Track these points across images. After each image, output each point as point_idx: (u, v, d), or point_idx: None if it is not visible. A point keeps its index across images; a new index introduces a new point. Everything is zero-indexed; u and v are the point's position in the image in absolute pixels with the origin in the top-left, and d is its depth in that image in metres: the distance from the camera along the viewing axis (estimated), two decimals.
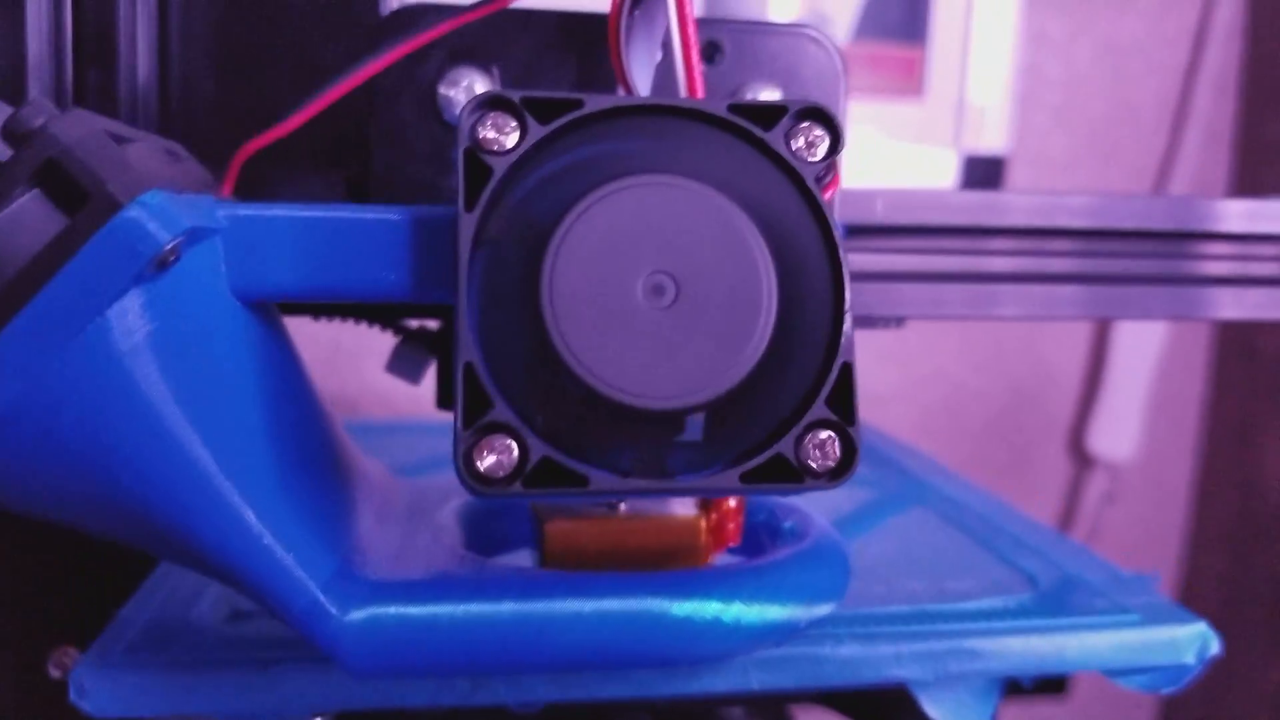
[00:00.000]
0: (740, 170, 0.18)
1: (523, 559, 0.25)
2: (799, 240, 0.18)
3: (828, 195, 0.19)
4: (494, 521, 0.26)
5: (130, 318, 0.16)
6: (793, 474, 0.17)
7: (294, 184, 0.24)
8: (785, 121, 0.18)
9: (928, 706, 0.25)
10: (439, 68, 0.23)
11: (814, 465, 0.17)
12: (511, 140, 0.17)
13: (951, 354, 0.69)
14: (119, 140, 0.17)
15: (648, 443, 0.17)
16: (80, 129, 0.15)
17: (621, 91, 0.21)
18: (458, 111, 0.24)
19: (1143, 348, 0.71)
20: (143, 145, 0.18)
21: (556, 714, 0.24)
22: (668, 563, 0.22)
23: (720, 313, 0.17)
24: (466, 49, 0.23)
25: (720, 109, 0.18)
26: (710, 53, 0.24)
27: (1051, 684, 0.29)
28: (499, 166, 0.17)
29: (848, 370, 0.18)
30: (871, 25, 0.63)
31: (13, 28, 0.25)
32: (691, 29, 0.20)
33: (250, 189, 0.21)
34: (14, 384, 0.15)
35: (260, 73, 0.26)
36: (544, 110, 0.18)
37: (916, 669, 0.25)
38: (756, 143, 0.18)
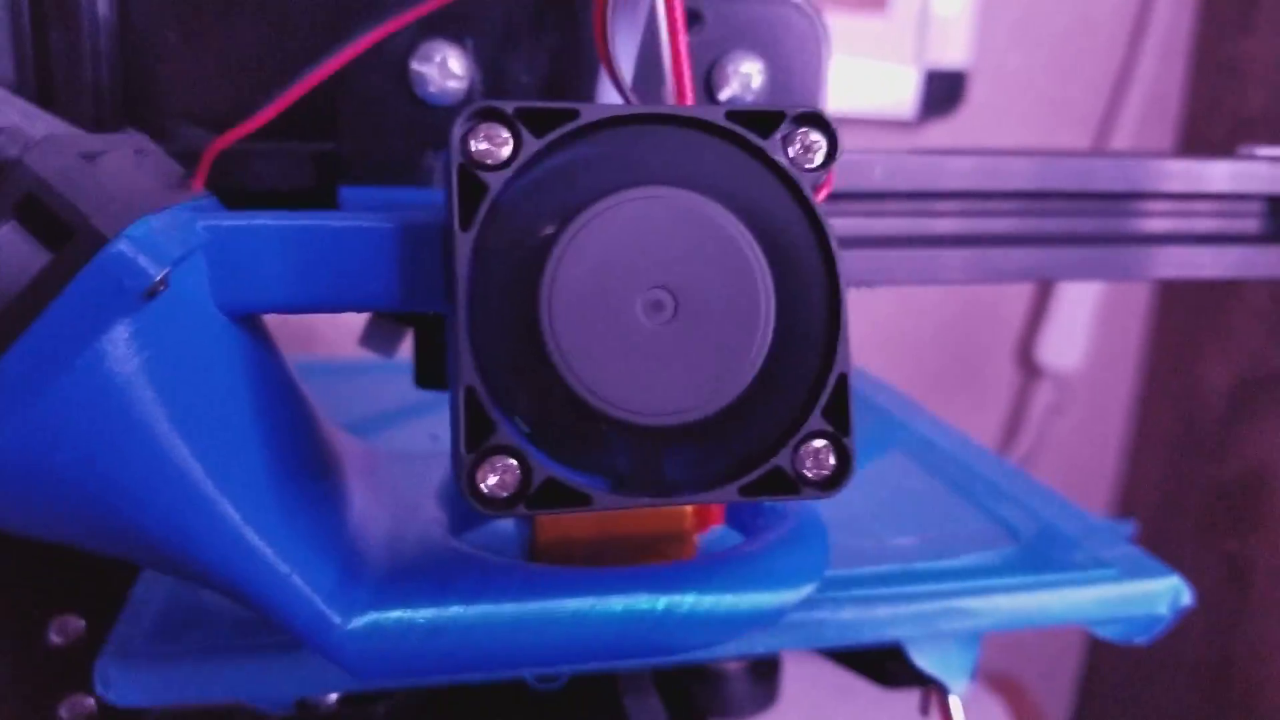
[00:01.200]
0: (737, 178, 0.17)
1: (503, 529, 0.25)
2: (795, 249, 0.17)
3: (821, 197, 0.18)
4: None
5: (121, 347, 0.15)
6: (789, 485, 0.18)
7: (258, 160, 0.23)
8: (783, 127, 0.18)
9: (916, 658, 0.27)
10: (410, 41, 0.22)
11: (810, 475, 0.18)
12: (505, 152, 0.17)
13: None
14: (91, 157, 0.16)
15: (648, 456, 0.17)
16: (57, 158, 0.14)
17: (605, 75, 0.21)
18: (430, 88, 0.22)
19: None
20: (114, 155, 0.17)
21: (569, 686, 0.25)
22: (656, 546, 0.22)
23: (719, 328, 0.17)
24: (439, 21, 0.22)
25: (718, 117, 0.17)
26: (691, 20, 0.23)
27: None
28: (494, 182, 0.16)
29: (843, 381, 0.18)
30: None
31: None
32: (681, 24, 0.20)
33: (214, 168, 0.21)
34: (8, 420, 0.15)
35: (223, 20, 0.25)
36: (538, 120, 0.17)
37: (909, 629, 0.26)
38: (753, 150, 0.18)
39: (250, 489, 0.17)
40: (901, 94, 0.64)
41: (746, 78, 0.24)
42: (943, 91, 0.65)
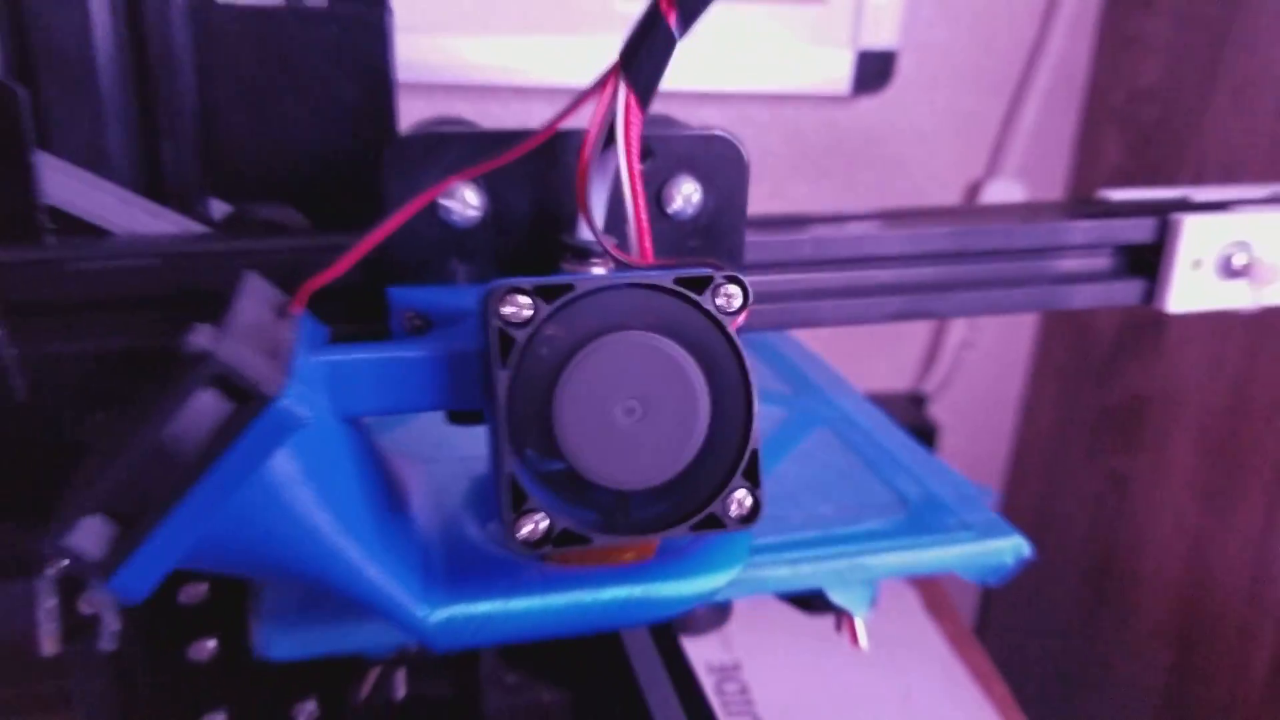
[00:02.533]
0: (681, 320, 0.24)
1: None
2: (722, 368, 0.25)
3: (739, 322, 0.26)
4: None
5: (281, 461, 0.23)
6: (720, 523, 0.25)
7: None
8: (712, 286, 0.25)
9: (832, 597, 0.35)
10: (435, 180, 0.29)
11: (734, 516, 0.26)
12: (527, 313, 0.24)
13: (805, 201, 0.76)
14: (234, 311, 0.23)
15: (626, 508, 0.25)
16: (237, 347, 0.22)
17: (582, 220, 0.28)
18: (454, 215, 0.28)
19: (1004, 199, 0.78)
20: (249, 304, 0.24)
21: None
22: (631, 549, 0.30)
23: (671, 424, 0.24)
24: (458, 165, 0.29)
25: (668, 282, 0.24)
26: (644, 154, 0.30)
27: None
28: (520, 337, 0.24)
29: (754, 454, 0.25)
30: None
31: (93, 114, 0.30)
32: (640, 187, 0.26)
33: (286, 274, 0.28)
34: (202, 527, 0.22)
35: (283, 112, 0.32)
36: (547, 291, 0.24)
37: (827, 580, 0.34)
38: (691, 301, 0.25)
39: (363, 533, 0.25)
40: (838, 73, 0.70)
41: (689, 195, 0.29)
42: (874, 69, 0.70)
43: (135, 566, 0.23)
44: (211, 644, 0.37)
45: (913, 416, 0.81)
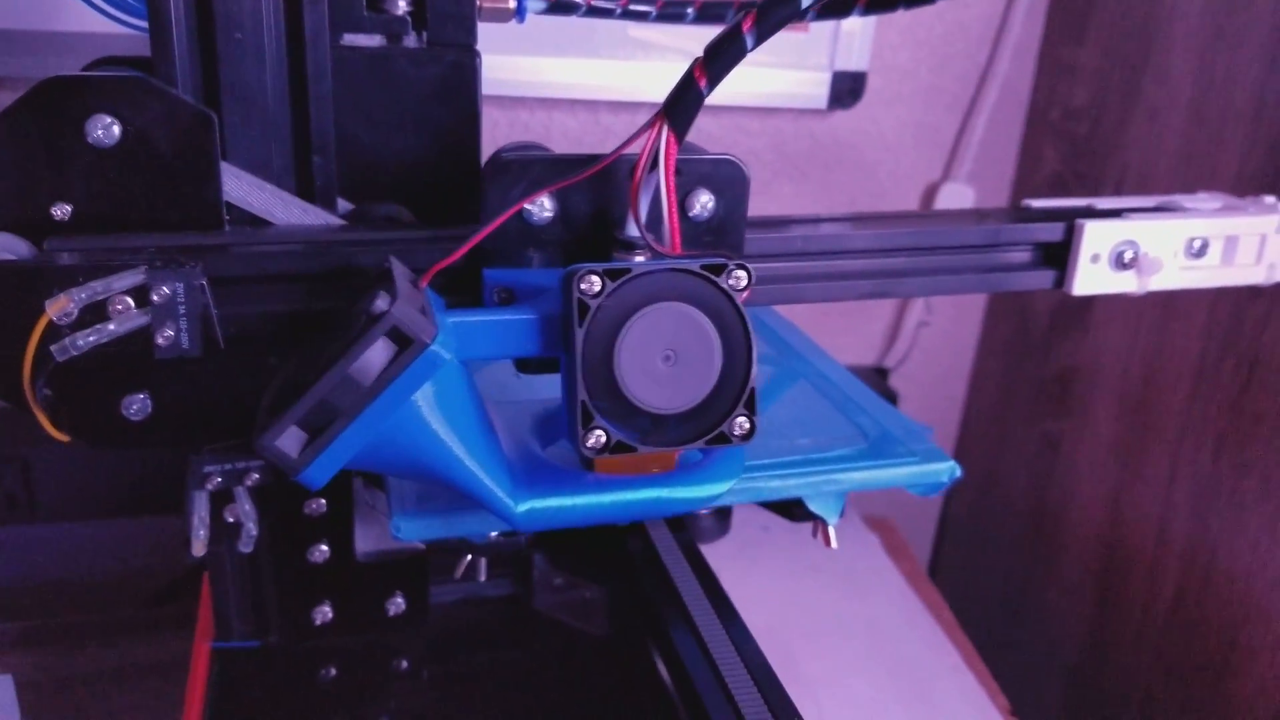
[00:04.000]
0: (704, 294, 0.34)
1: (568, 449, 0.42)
2: (731, 328, 0.34)
3: (745, 296, 0.35)
4: (551, 431, 0.43)
5: (428, 390, 0.32)
6: (727, 439, 0.35)
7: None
8: (727, 269, 0.34)
9: (810, 505, 0.42)
10: (523, 192, 0.37)
11: (737, 434, 0.35)
12: (596, 288, 0.33)
13: (789, 198, 0.81)
14: (395, 283, 0.32)
15: (662, 427, 0.34)
16: (407, 308, 0.31)
17: (630, 220, 0.36)
18: (533, 218, 0.37)
19: (956, 201, 0.85)
20: (400, 277, 0.33)
21: None
22: (656, 461, 0.39)
23: (695, 368, 0.33)
24: (540, 180, 0.36)
25: (696, 267, 0.34)
26: (675, 172, 0.38)
27: None
28: (593, 305, 0.33)
29: (753, 391, 0.34)
30: None
31: (263, 133, 0.38)
32: (674, 198, 0.35)
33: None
34: (369, 436, 0.30)
35: (394, 131, 0.40)
36: (612, 273, 0.33)
37: (808, 491, 0.41)
38: (711, 281, 0.34)
39: (475, 446, 0.34)
40: (817, 91, 0.77)
41: (705, 203, 0.36)
42: (847, 87, 0.77)
43: (321, 463, 0.32)
44: (324, 548, 0.46)
45: (877, 386, 0.89)
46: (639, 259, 0.36)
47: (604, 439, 0.33)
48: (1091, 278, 0.46)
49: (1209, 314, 0.68)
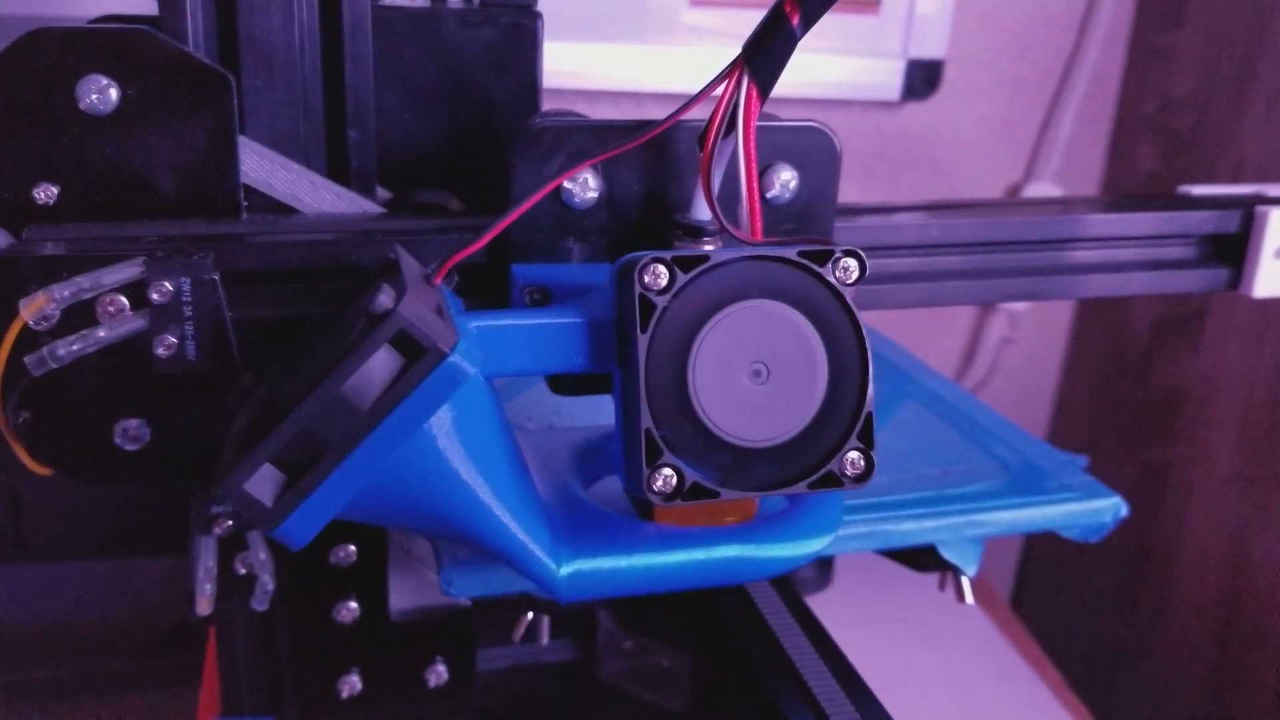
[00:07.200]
0: (803, 290, 0.25)
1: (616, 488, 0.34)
2: (840, 336, 0.26)
3: (853, 293, 0.27)
4: (595, 466, 0.35)
5: (443, 416, 0.24)
6: (837, 481, 0.26)
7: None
8: (833, 257, 0.26)
9: (943, 551, 0.35)
10: (561, 166, 0.29)
11: (849, 475, 0.27)
12: (664, 282, 0.25)
13: (852, 201, 0.77)
14: (404, 278, 0.24)
15: (751, 465, 0.26)
16: (418, 306, 0.23)
17: (697, 201, 0.29)
18: (575, 199, 0.29)
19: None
20: (409, 272, 0.25)
21: None
22: (732, 509, 0.31)
23: (794, 387, 0.25)
24: (581, 152, 0.29)
25: (793, 255, 0.26)
26: None
27: None
28: (660, 303, 0.25)
29: (869, 417, 0.26)
30: None
31: (290, 100, 0.32)
32: (755, 170, 0.28)
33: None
34: (369, 475, 0.22)
35: (442, 105, 0.33)
36: (683, 262, 0.25)
37: (944, 535, 0.34)
38: (813, 273, 0.26)
39: (504, 489, 0.26)
40: (889, 80, 0.71)
41: (786, 181, 0.30)
42: (922, 77, 0.71)
43: (304, 513, 0.24)
44: (353, 605, 0.38)
45: None
46: (708, 248, 0.28)
47: (675, 480, 0.25)
48: (1276, 276, 0.37)
49: None
